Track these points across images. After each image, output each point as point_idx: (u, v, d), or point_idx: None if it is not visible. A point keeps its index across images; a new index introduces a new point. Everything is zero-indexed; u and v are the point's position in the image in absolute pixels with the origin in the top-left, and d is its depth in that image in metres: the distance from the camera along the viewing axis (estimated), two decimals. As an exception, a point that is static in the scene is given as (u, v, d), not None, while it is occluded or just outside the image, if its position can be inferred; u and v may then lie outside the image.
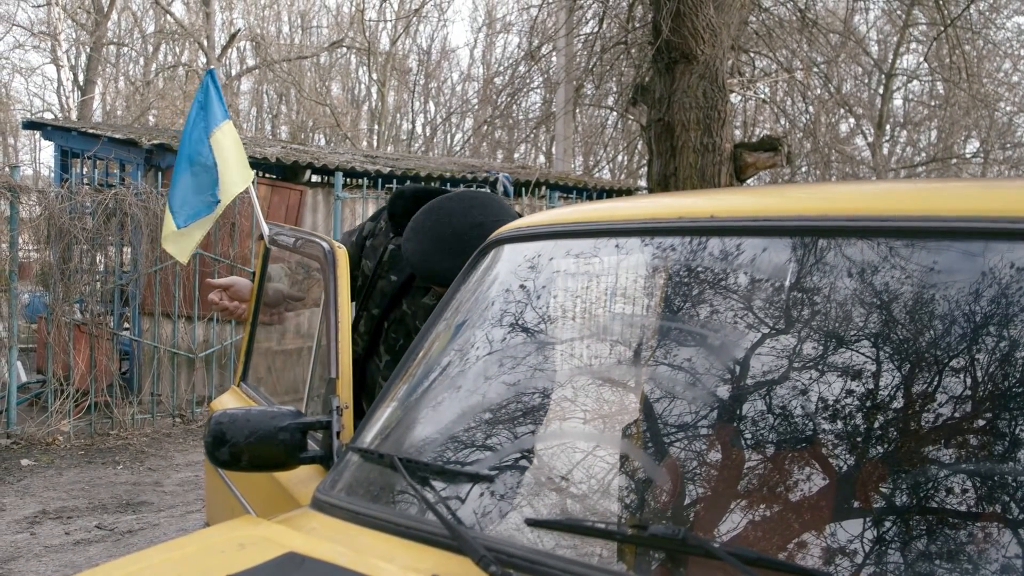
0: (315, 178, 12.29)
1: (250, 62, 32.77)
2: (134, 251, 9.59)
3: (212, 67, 2.93)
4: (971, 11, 11.36)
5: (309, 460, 1.99)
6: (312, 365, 2.65)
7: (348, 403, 2.10)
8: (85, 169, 11.94)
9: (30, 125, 14.52)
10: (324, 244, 2.49)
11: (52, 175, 13.67)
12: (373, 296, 2.89)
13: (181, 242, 2.95)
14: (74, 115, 26.85)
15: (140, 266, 9.44)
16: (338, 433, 2.01)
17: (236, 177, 2.88)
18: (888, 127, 25.47)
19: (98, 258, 9.85)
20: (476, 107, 30.84)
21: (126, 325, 10.23)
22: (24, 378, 10.16)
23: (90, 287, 9.55)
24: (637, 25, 9.98)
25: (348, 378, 2.17)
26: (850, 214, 1.57)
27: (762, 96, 12.36)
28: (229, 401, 3.06)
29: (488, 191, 2.79)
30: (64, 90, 29.28)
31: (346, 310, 2.28)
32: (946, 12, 10.48)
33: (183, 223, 2.89)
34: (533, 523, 1.48)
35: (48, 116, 27.04)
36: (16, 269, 8.79)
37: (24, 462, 7.90)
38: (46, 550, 5.77)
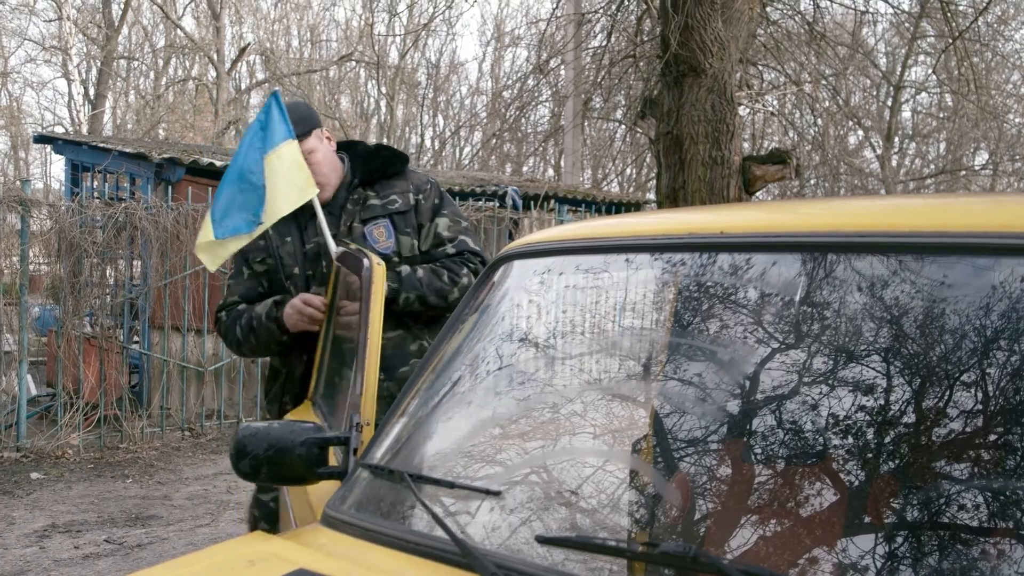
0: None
1: (260, 76, 32.90)
2: (144, 265, 9.61)
3: (277, 88, 3.01)
4: (979, 23, 11.36)
5: (327, 475, 1.99)
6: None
7: (369, 420, 2.11)
8: (95, 183, 11.98)
9: (41, 139, 14.58)
10: (364, 260, 2.51)
11: (63, 189, 13.73)
12: (285, 267, 3.24)
13: (214, 251, 2.97)
14: (84, 129, 26.97)
15: (150, 280, 9.46)
16: (355, 450, 2.01)
17: (288, 197, 2.91)
18: (897, 139, 25.45)
19: (108, 271, 9.88)
20: (485, 120, 30.89)
21: (136, 338, 10.25)
22: (34, 391, 10.18)
23: (100, 300, 9.57)
24: (645, 39, 10.00)
25: (372, 395, 2.18)
26: (860, 230, 1.57)
27: (770, 109, 12.37)
28: (301, 415, 3.03)
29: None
30: (75, 104, 29.46)
31: (377, 328, 2.28)
32: (954, 24, 10.47)
33: (221, 235, 2.92)
34: (543, 540, 1.48)
35: (59, 130, 27.16)
36: (27, 282, 8.81)
37: (33, 475, 7.91)
38: (55, 564, 5.78)
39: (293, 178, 2.91)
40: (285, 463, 1.97)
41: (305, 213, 3.15)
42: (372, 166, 3.33)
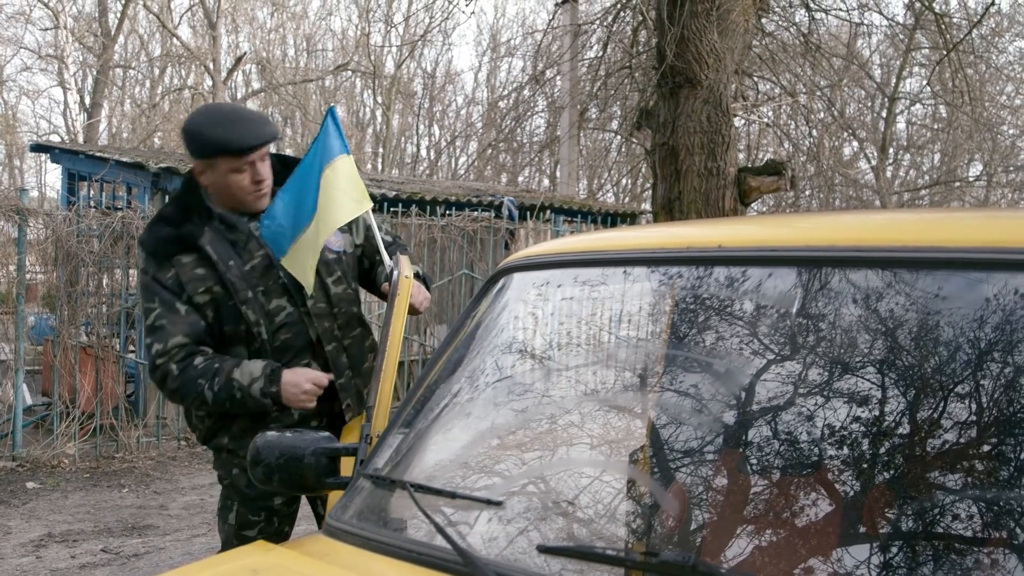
0: (320, 201, 12.28)
1: (255, 85, 32.94)
2: (140, 274, 9.59)
3: (333, 104, 2.98)
4: (973, 35, 11.41)
5: (335, 485, 2.01)
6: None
7: (380, 432, 2.13)
8: (92, 192, 11.98)
9: (37, 148, 14.58)
10: (395, 271, 2.51)
11: (59, 198, 13.73)
12: (238, 292, 2.95)
13: (298, 265, 2.94)
14: (80, 138, 26.97)
15: (146, 289, 9.45)
16: (362, 461, 2.03)
17: (346, 208, 2.90)
18: (891, 150, 25.52)
19: (104, 281, 9.89)
20: (480, 130, 30.97)
21: (132, 348, 10.25)
22: (30, 401, 10.17)
23: (96, 310, 9.56)
24: (641, 50, 10.04)
25: (386, 407, 2.19)
26: (855, 244, 1.59)
27: (766, 120, 12.41)
28: (356, 424, 3.00)
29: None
30: (71, 113, 29.42)
31: (397, 341, 2.28)
32: (948, 36, 10.53)
33: (286, 248, 2.91)
34: (544, 549, 1.50)
35: (54, 139, 27.16)
36: (23, 291, 8.81)
37: (30, 485, 7.90)
38: (52, 574, 5.77)
39: (349, 191, 2.93)
40: (295, 471, 2.01)
41: (240, 233, 2.99)
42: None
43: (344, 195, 2.90)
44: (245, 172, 2.91)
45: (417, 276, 3.00)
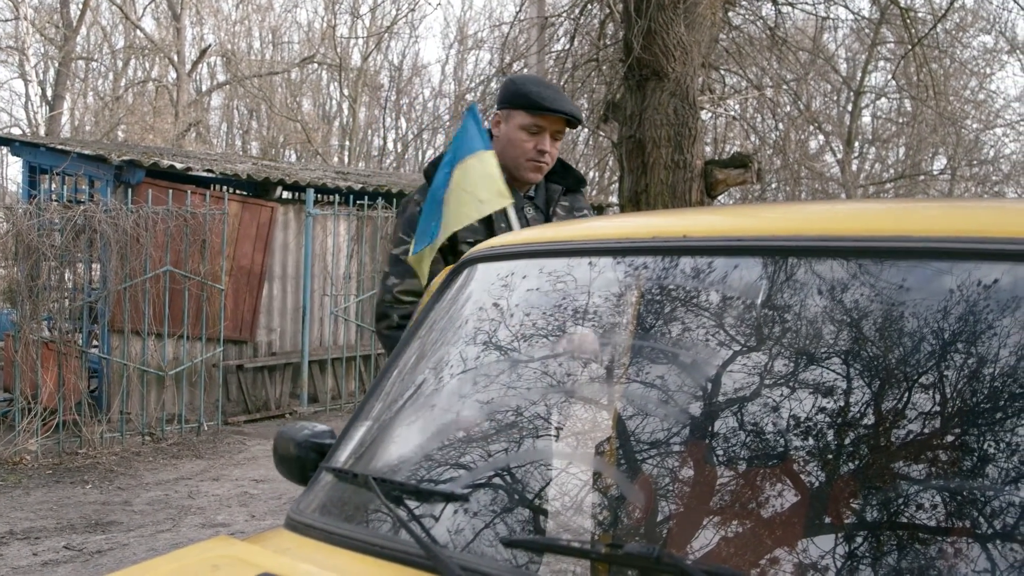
0: (286, 194, 12.26)
1: (221, 77, 32.70)
2: (103, 268, 9.50)
3: (474, 102, 2.99)
4: (938, 30, 11.51)
5: None
6: None
7: None
8: (54, 185, 11.83)
9: (-3, 140, 14.37)
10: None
11: (20, 191, 13.54)
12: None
13: (420, 267, 2.92)
14: (42, 130, 26.68)
15: (109, 283, 9.36)
16: None
17: (466, 209, 2.82)
18: (857, 144, 25.73)
19: (67, 275, 9.77)
20: (448, 123, 30.87)
21: (95, 343, 10.14)
22: (-9, 396, 10.05)
23: (58, 304, 9.45)
24: (608, 43, 10.04)
25: None
26: (821, 234, 1.59)
27: (732, 113, 12.45)
28: None
29: None
30: (32, 105, 29.11)
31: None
32: (913, 31, 10.61)
33: (416, 251, 2.91)
34: (508, 543, 1.49)
35: (15, 131, 26.82)
36: (-17, 286, 8.71)
37: (-9, 482, 7.81)
38: (13, 572, 5.70)
39: (477, 190, 2.83)
40: (289, 462, 2.05)
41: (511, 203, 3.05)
42: (574, 177, 3.34)
43: (468, 195, 2.81)
44: (533, 135, 3.06)
45: None
